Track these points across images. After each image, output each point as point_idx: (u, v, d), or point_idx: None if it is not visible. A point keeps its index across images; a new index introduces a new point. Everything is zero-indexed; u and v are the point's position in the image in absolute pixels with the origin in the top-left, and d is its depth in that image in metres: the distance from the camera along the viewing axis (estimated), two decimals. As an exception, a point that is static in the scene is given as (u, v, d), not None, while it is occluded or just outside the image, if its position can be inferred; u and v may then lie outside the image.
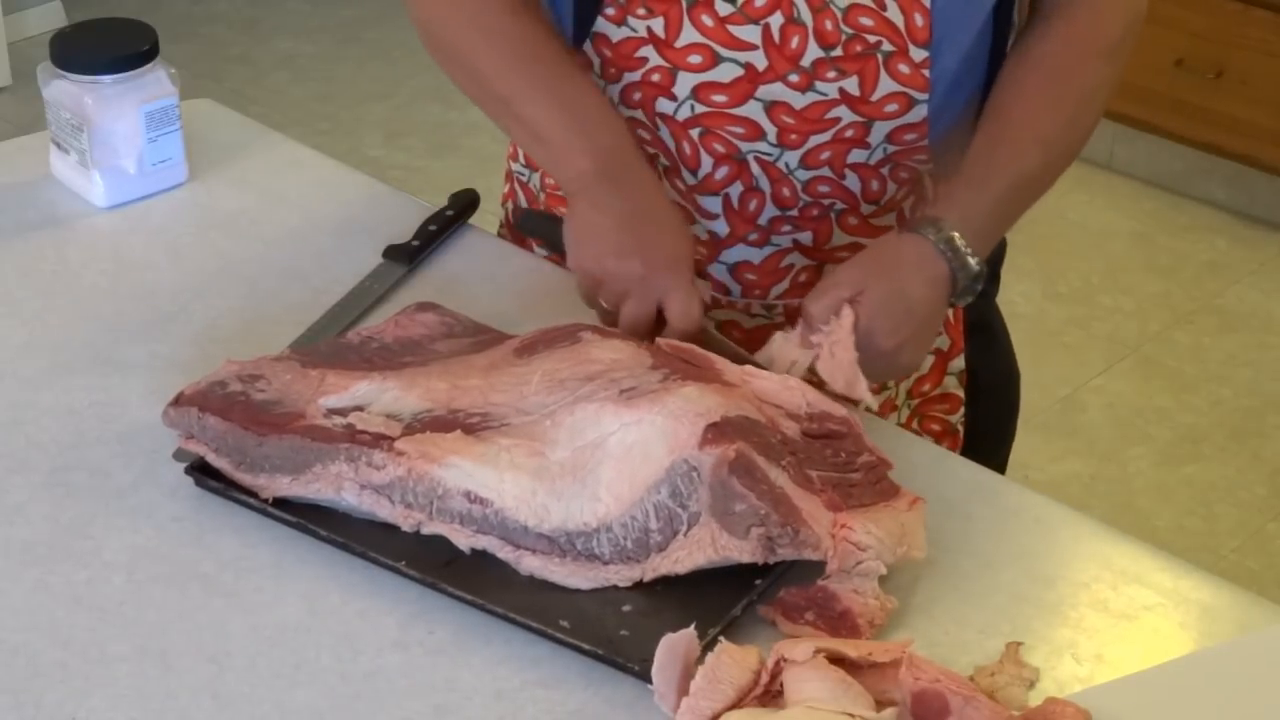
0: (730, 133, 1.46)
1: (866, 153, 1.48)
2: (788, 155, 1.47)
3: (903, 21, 1.43)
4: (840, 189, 1.50)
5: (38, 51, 1.74)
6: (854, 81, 1.44)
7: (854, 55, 1.43)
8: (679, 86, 1.45)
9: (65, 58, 1.63)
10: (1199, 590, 1.29)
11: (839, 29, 1.43)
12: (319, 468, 1.26)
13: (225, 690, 1.16)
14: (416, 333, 1.42)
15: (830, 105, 1.45)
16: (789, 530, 1.20)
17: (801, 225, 1.51)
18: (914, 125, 1.47)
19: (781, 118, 1.45)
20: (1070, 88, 1.47)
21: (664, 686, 1.12)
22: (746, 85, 1.44)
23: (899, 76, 1.44)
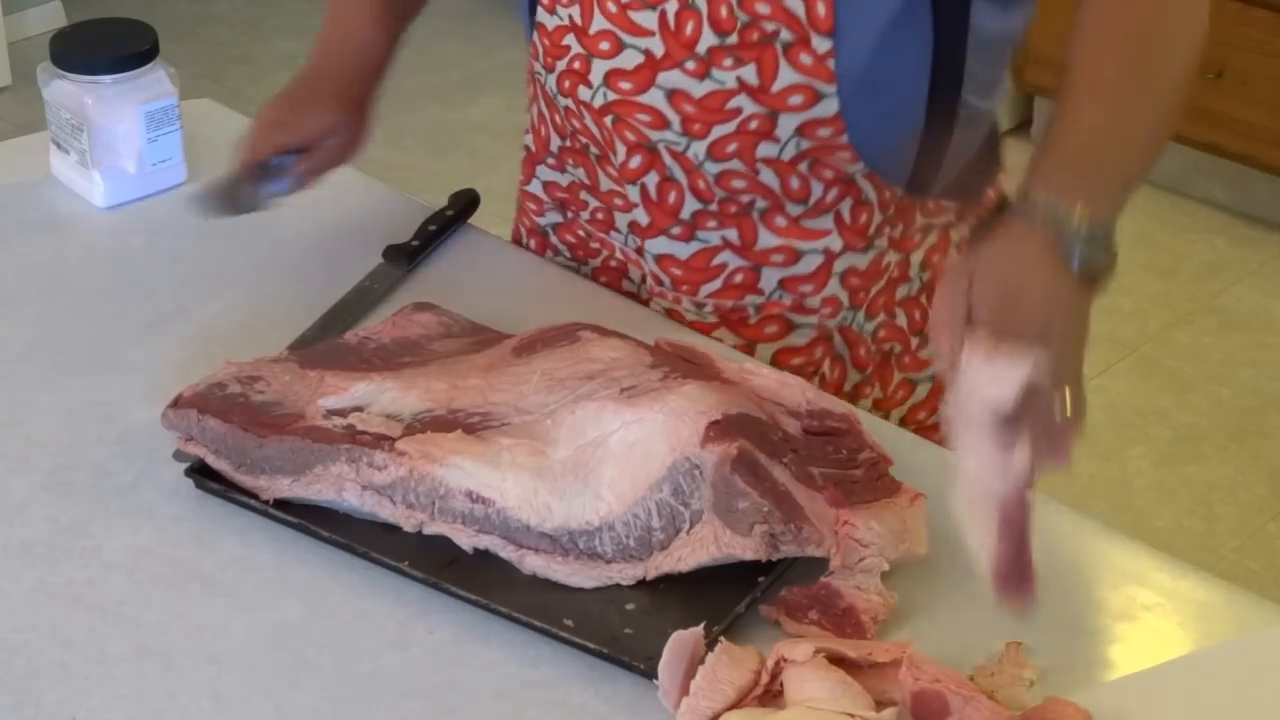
0: (639, 121, 1.45)
1: (776, 147, 1.43)
2: (695, 145, 1.44)
3: (803, 9, 1.37)
4: (756, 184, 1.46)
5: (38, 51, 1.74)
6: (751, 70, 1.40)
7: (750, 43, 1.39)
8: (594, 74, 1.46)
9: (65, 58, 1.63)
10: (1199, 590, 1.29)
11: (734, 15, 1.38)
12: (320, 469, 1.26)
13: (225, 690, 1.16)
14: (414, 333, 1.42)
15: (729, 95, 1.41)
16: (792, 527, 1.20)
17: (725, 222, 1.49)
18: (825, 120, 1.41)
19: (683, 106, 1.43)
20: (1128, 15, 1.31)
21: (669, 684, 1.12)
22: (648, 72, 1.43)
23: (801, 67, 1.39)
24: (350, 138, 1.58)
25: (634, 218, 1.52)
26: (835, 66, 1.38)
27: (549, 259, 1.64)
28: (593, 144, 1.52)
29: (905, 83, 1.43)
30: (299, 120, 1.56)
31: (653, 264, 1.53)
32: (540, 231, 1.64)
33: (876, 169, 1.46)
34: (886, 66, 1.40)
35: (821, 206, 1.48)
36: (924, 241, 1.55)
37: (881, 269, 1.53)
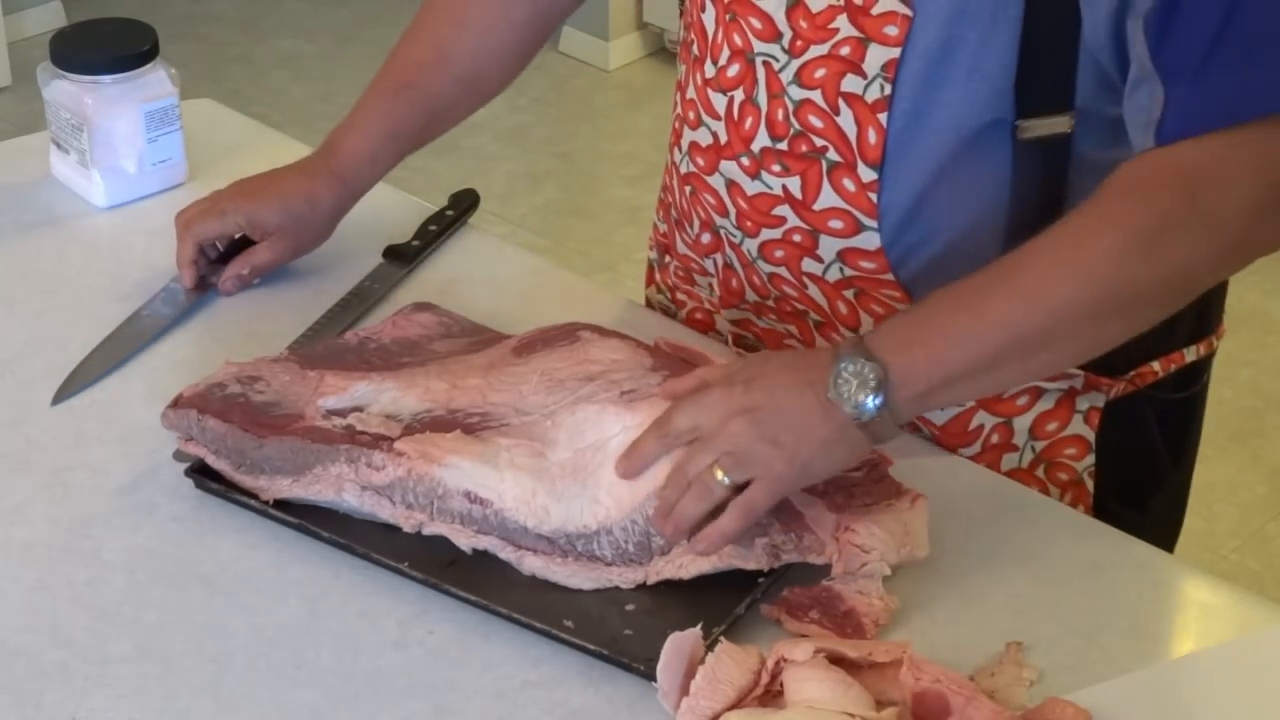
0: (707, 200, 1.43)
1: (820, 266, 1.38)
2: (748, 242, 1.41)
3: (855, 133, 1.31)
4: (806, 298, 1.41)
5: (38, 51, 1.74)
6: (796, 182, 1.35)
7: (798, 154, 1.35)
8: (684, 139, 1.44)
9: (65, 58, 1.63)
10: (1199, 590, 1.29)
11: (789, 121, 1.34)
12: (319, 469, 1.26)
13: (225, 690, 1.16)
14: (414, 333, 1.42)
15: (775, 201, 1.37)
16: (793, 536, 1.20)
17: (784, 318, 1.45)
18: (868, 253, 1.35)
19: (738, 200, 1.40)
20: (1056, 242, 1.20)
21: (669, 685, 1.12)
22: (714, 155, 1.40)
23: (843, 192, 1.34)
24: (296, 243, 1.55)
25: (710, 285, 1.50)
26: (879, 200, 1.33)
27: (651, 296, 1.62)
28: (674, 206, 1.51)
29: (968, 228, 1.34)
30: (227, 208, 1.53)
31: (730, 326, 1.51)
32: (649, 263, 1.63)
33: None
34: (942, 208, 1.32)
35: None
36: (1032, 406, 1.40)
37: (969, 431, 1.41)
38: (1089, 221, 1.20)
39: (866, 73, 1.29)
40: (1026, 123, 1.28)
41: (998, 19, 1.25)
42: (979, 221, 1.33)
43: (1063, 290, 1.18)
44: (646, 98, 4.05)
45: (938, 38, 1.27)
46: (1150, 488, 1.48)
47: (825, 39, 1.31)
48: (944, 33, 1.27)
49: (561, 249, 3.56)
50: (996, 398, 1.39)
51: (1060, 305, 1.18)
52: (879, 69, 1.29)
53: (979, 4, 1.25)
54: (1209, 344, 1.46)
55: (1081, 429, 1.41)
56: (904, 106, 1.29)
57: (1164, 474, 1.50)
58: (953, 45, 1.27)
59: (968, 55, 1.27)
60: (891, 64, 1.28)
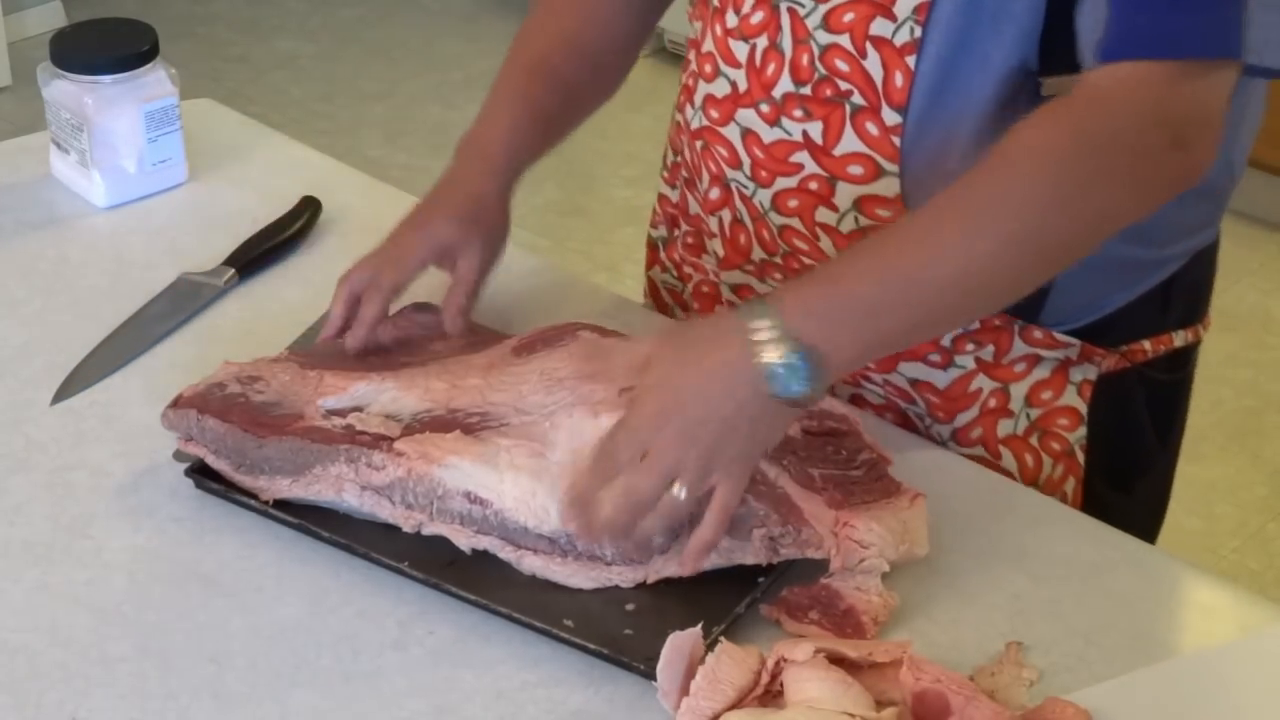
0: (718, 154, 1.43)
1: (835, 216, 1.37)
2: (761, 193, 1.41)
3: (881, 76, 1.31)
4: (817, 250, 1.40)
5: (38, 51, 1.74)
6: (818, 128, 1.35)
7: (822, 98, 1.34)
8: (697, 94, 1.44)
9: (65, 58, 1.63)
10: (1199, 590, 1.29)
11: (814, 66, 1.34)
12: (319, 469, 1.26)
13: (225, 690, 1.16)
14: (414, 333, 1.42)
15: (793, 148, 1.37)
16: (791, 530, 1.20)
17: (789, 276, 1.43)
18: (886, 200, 1.35)
19: (753, 149, 1.39)
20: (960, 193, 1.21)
21: (669, 685, 1.12)
22: (730, 105, 1.40)
23: (865, 136, 1.34)
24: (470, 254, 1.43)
25: (713, 247, 1.50)
26: (901, 144, 1.33)
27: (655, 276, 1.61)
28: (685, 166, 1.50)
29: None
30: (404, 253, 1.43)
31: (729, 293, 1.50)
32: (653, 244, 1.63)
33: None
34: (964, 159, 1.29)
35: None
36: (1029, 374, 1.41)
37: (969, 393, 1.42)
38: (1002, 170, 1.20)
39: (897, 16, 1.30)
40: (1050, 79, 1.28)
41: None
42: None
43: (980, 247, 1.19)
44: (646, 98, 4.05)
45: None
46: (1137, 470, 1.49)
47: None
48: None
49: (561, 249, 3.57)
50: (995, 363, 1.41)
51: (979, 260, 1.20)
52: (910, 12, 1.29)
53: None
54: (1196, 332, 1.47)
55: (1074, 400, 1.41)
56: (933, 50, 1.30)
57: (1151, 457, 1.51)
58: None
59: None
60: (923, 7, 1.29)
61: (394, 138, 4.02)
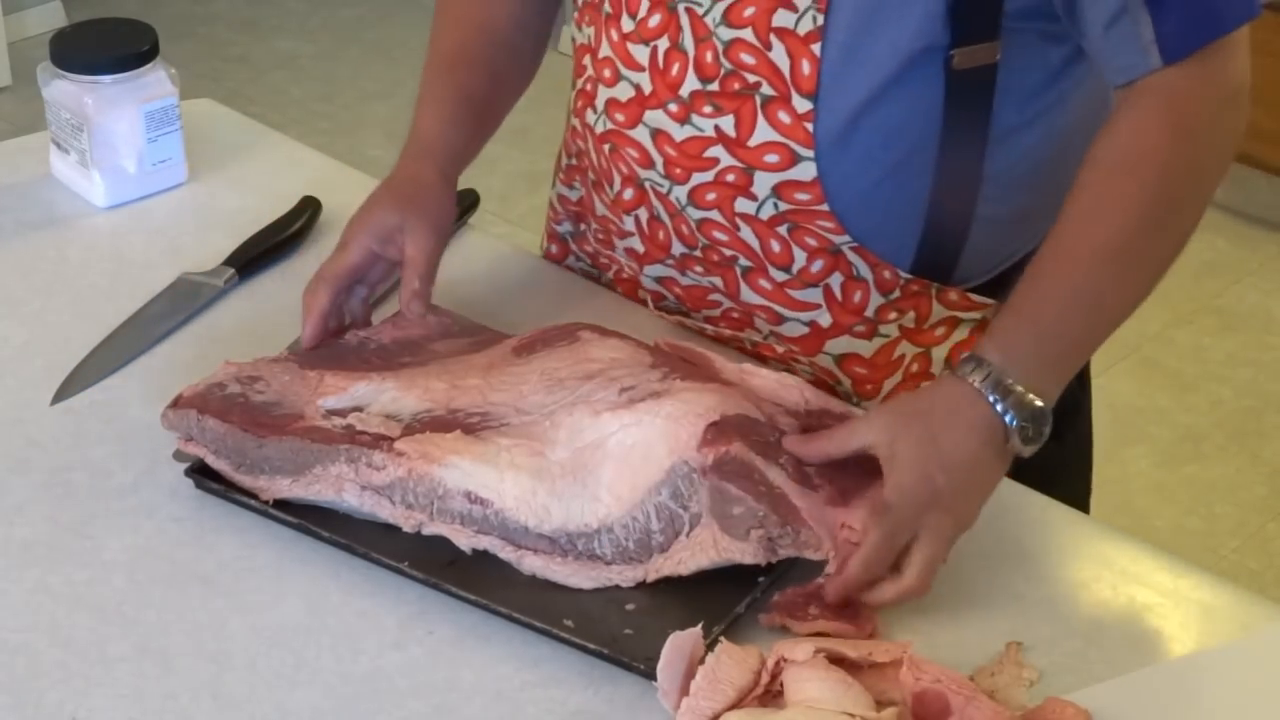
0: (629, 155, 1.43)
1: (754, 204, 1.38)
2: (677, 190, 1.41)
3: (787, 65, 1.32)
4: (737, 240, 1.41)
5: (38, 51, 1.74)
6: (730, 121, 1.36)
7: (731, 93, 1.35)
8: (598, 99, 1.44)
9: (65, 58, 1.63)
10: (1199, 590, 1.29)
11: (719, 62, 1.35)
12: (319, 469, 1.26)
13: (225, 690, 1.16)
14: (414, 333, 1.42)
15: (708, 143, 1.38)
16: (789, 530, 1.20)
17: (710, 269, 1.45)
18: (803, 184, 1.36)
19: (665, 148, 1.40)
20: (1130, 183, 1.27)
21: (669, 685, 1.12)
22: (636, 108, 1.41)
23: (778, 125, 1.35)
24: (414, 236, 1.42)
25: (630, 245, 1.51)
26: (814, 130, 1.34)
27: (571, 265, 1.63)
28: (591, 168, 1.51)
29: (901, 156, 1.36)
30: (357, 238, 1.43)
31: (653, 284, 1.52)
32: (560, 238, 1.64)
33: (867, 245, 1.39)
34: (875, 137, 1.35)
35: (807, 277, 1.42)
36: (949, 336, 1.45)
37: (893, 360, 1.45)
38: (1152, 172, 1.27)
39: (798, 6, 1.31)
40: (960, 51, 1.31)
41: None
42: (912, 150, 1.36)
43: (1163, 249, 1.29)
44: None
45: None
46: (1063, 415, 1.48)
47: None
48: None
49: (561, 249, 3.56)
50: (917, 329, 1.44)
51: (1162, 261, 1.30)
52: (810, 1, 1.31)
53: None
54: None
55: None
56: (837, 37, 1.31)
57: (1076, 403, 1.52)
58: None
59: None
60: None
61: (394, 138, 4.00)
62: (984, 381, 1.22)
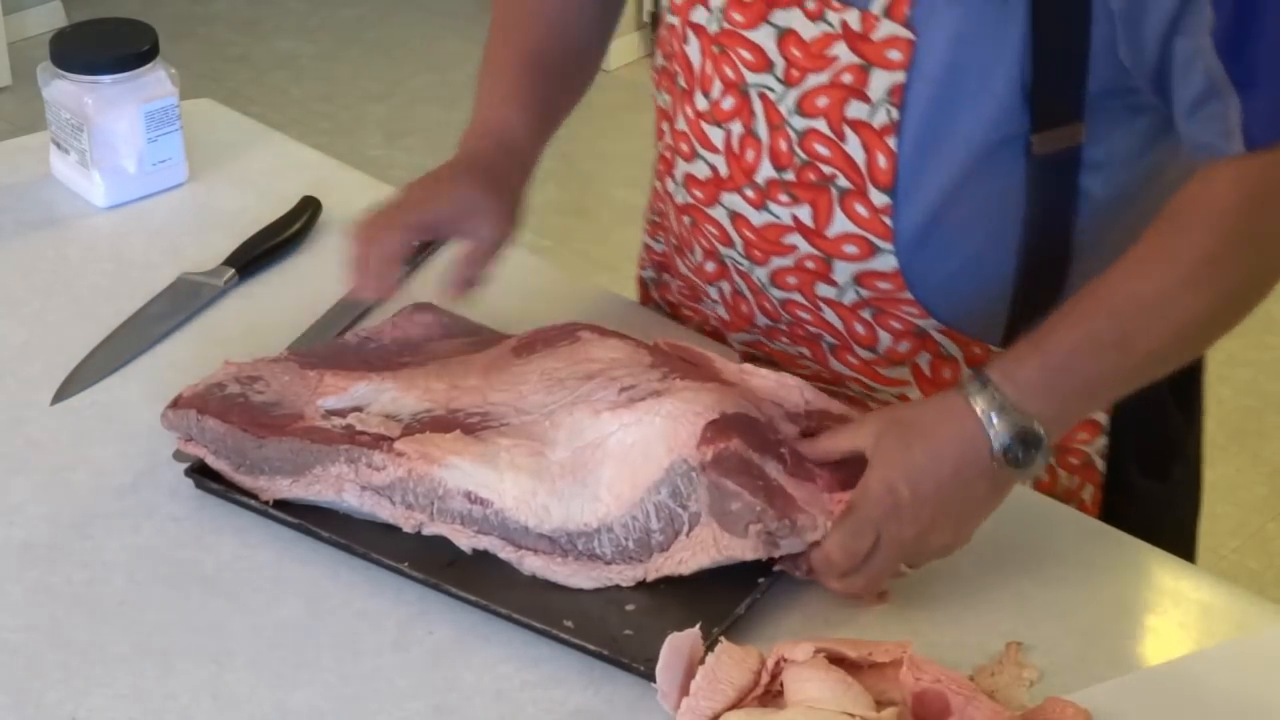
0: (709, 231, 1.42)
1: (835, 290, 1.37)
2: (758, 270, 1.39)
3: (864, 158, 1.30)
4: (821, 320, 1.40)
5: (38, 51, 1.74)
6: (807, 211, 1.34)
7: (807, 183, 1.33)
8: (677, 170, 1.42)
9: (65, 58, 1.63)
10: (1199, 590, 1.29)
11: (793, 152, 1.33)
12: (319, 469, 1.26)
13: (225, 690, 1.16)
14: (414, 333, 1.42)
15: (785, 230, 1.36)
16: (787, 522, 1.20)
17: (797, 342, 1.44)
18: (884, 274, 1.34)
19: (744, 231, 1.38)
20: (1181, 239, 1.24)
21: (668, 686, 1.12)
22: (713, 188, 1.39)
23: (856, 218, 1.33)
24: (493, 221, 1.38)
25: (716, 311, 1.48)
26: (893, 223, 1.32)
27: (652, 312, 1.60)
28: (672, 234, 1.49)
29: (983, 243, 1.34)
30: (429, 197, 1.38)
31: (739, 345, 1.49)
32: (644, 283, 1.62)
33: (955, 326, 1.37)
34: (956, 226, 1.32)
35: (894, 356, 1.40)
36: None
37: None
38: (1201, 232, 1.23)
39: (871, 99, 1.29)
40: (1040, 136, 1.28)
41: (1002, 40, 1.25)
42: (995, 235, 1.33)
43: (1198, 306, 1.23)
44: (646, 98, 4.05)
45: (943, 61, 1.26)
46: (1169, 454, 1.48)
47: (823, 67, 1.30)
48: (949, 56, 1.26)
49: (561, 249, 3.56)
50: None
51: (1196, 320, 1.25)
52: (884, 94, 1.28)
53: (982, 26, 1.25)
54: None
55: (1096, 413, 1.41)
56: (913, 130, 1.29)
57: (1179, 437, 1.49)
58: (959, 68, 1.26)
59: (974, 77, 1.26)
60: (897, 89, 1.28)
61: (394, 138, 4.02)
62: (978, 396, 1.19)
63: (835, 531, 1.19)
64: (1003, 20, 1.25)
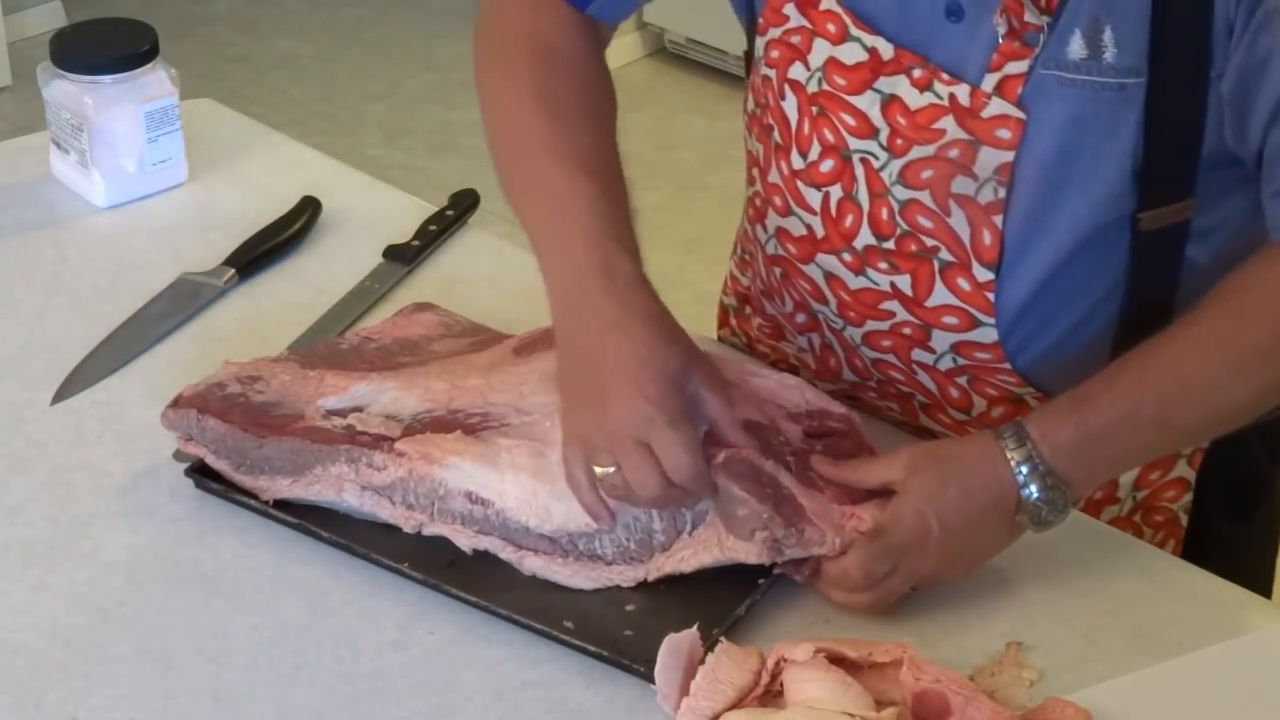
0: (801, 287, 1.39)
1: (932, 356, 1.35)
2: (850, 330, 1.37)
3: (968, 234, 1.28)
4: (914, 382, 1.38)
5: (38, 51, 1.74)
6: (906, 281, 1.32)
7: (908, 253, 1.31)
8: (769, 220, 1.39)
9: (65, 58, 1.63)
10: (1199, 590, 1.29)
11: (894, 221, 1.30)
12: (319, 469, 1.26)
13: (225, 690, 1.16)
14: (414, 333, 1.42)
15: (883, 297, 1.34)
16: (794, 531, 1.20)
17: (886, 397, 1.41)
18: (984, 345, 1.33)
19: (839, 292, 1.36)
20: (1231, 323, 1.23)
21: (667, 687, 1.12)
22: (809, 247, 1.36)
23: (958, 291, 1.31)
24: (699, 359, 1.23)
25: (802, 359, 1.46)
26: (995, 299, 1.30)
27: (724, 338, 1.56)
28: (759, 278, 1.47)
29: (1084, 314, 1.32)
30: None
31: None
32: (724, 307, 1.59)
33: (1051, 393, 1.32)
34: (1058, 300, 1.31)
35: (987, 420, 1.37)
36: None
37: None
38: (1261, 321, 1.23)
39: (978, 175, 1.27)
40: (1149, 214, 1.28)
41: (1117, 124, 1.24)
42: (1097, 308, 1.32)
43: (1240, 394, 1.24)
44: (646, 98, 4.05)
45: (1054, 143, 1.24)
46: (1254, 499, 1.47)
47: (930, 140, 1.27)
48: (1061, 138, 1.24)
49: (561, 249, 3.56)
50: None
51: (1236, 406, 1.25)
52: (992, 172, 1.26)
53: (1097, 109, 1.23)
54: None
55: (1184, 470, 1.41)
56: (1021, 209, 1.27)
57: (1266, 482, 1.48)
58: (1070, 150, 1.25)
59: (1086, 160, 1.25)
60: (1005, 167, 1.26)
61: (394, 138, 4.02)
62: (1015, 451, 1.20)
63: (858, 551, 1.19)
64: (1119, 105, 1.23)
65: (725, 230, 1.61)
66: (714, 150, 3.88)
